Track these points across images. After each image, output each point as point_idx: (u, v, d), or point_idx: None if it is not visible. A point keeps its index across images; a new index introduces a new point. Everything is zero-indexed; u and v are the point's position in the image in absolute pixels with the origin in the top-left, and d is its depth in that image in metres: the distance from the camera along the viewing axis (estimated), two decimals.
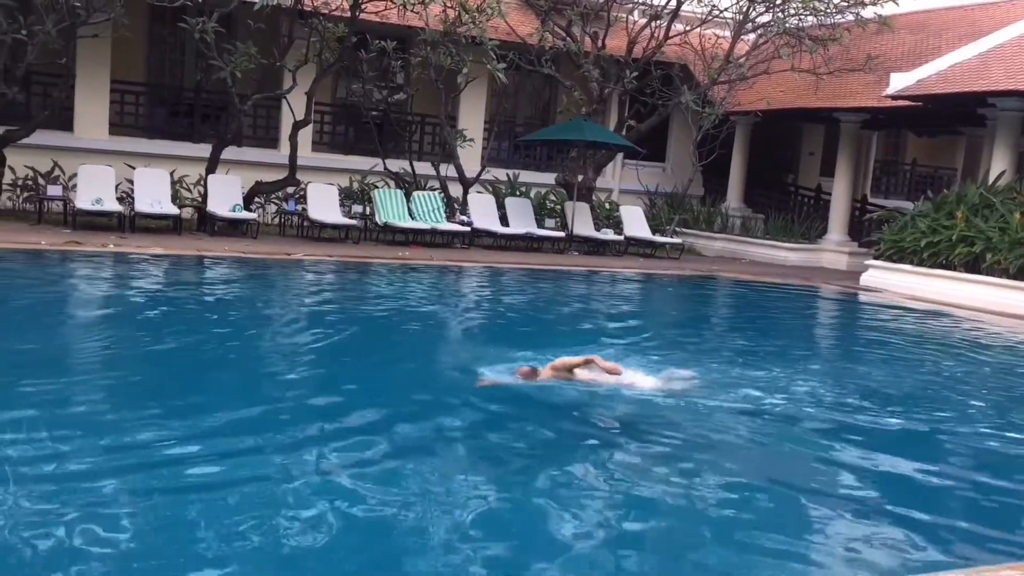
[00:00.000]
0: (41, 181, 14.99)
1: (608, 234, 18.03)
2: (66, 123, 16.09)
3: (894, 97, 16.03)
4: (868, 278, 15.58)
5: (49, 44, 13.61)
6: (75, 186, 14.44)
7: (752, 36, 19.54)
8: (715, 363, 8.07)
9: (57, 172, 15.18)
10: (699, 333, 10.70)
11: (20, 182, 15.08)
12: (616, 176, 21.52)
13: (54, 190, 14.47)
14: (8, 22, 13.11)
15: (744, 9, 18.80)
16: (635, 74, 18.24)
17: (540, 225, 17.65)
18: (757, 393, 6.83)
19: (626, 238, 18.11)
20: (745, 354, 8.88)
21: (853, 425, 6.31)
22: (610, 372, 6.32)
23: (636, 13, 19.99)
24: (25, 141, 14.41)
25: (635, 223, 18.53)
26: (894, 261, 15.20)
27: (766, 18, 19.04)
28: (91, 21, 13.90)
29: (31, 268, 10.77)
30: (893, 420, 6.58)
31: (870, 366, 8.72)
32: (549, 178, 19.57)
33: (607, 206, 20.00)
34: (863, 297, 14.71)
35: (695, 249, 19.62)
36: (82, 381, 6.11)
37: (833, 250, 19.00)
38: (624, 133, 18.82)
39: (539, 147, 21.01)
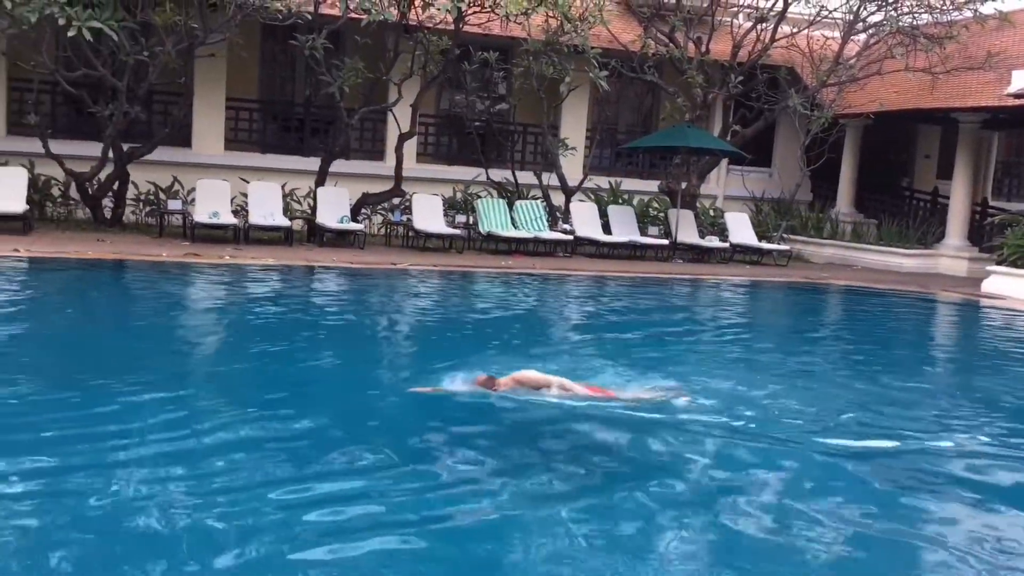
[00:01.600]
0: (162, 196, 15.68)
1: (713, 241, 17.73)
2: (185, 140, 16.79)
3: (1016, 96, 15.28)
4: (990, 285, 14.88)
5: (169, 64, 14.23)
6: (193, 200, 15.04)
7: (863, 36, 18.94)
8: (828, 377, 7.82)
9: (177, 187, 15.85)
10: (811, 343, 10.39)
11: (143, 197, 15.82)
12: (721, 182, 21.15)
13: (174, 204, 15.11)
14: (131, 44, 13.76)
15: (854, 9, 18.25)
16: (740, 78, 17.91)
17: (643, 233, 17.50)
18: (876, 417, 6.43)
19: (731, 245, 17.77)
20: (861, 366, 8.58)
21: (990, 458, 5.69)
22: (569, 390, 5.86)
23: (741, 17, 19.64)
24: (147, 158, 15.10)
25: (741, 230, 18.18)
26: (1018, 267, 14.48)
27: (878, 17, 18.43)
28: (208, 42, 14.48)
29: (155, 278, 11.25)
30: None
31: (1001, 379, 8.29)
32: (652, 185, 19.38)
33: (711, 213, 19.69)
34: (985, 304, 14.05)
35: (803, 256, 19.10)
36: (204, 376, 6.33)
37: (951, 256, 18.22)
38: (729, 138, 18.50)
39: (641, 154, 20.84)
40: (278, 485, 4.32)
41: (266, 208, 14.99)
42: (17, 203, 13.60)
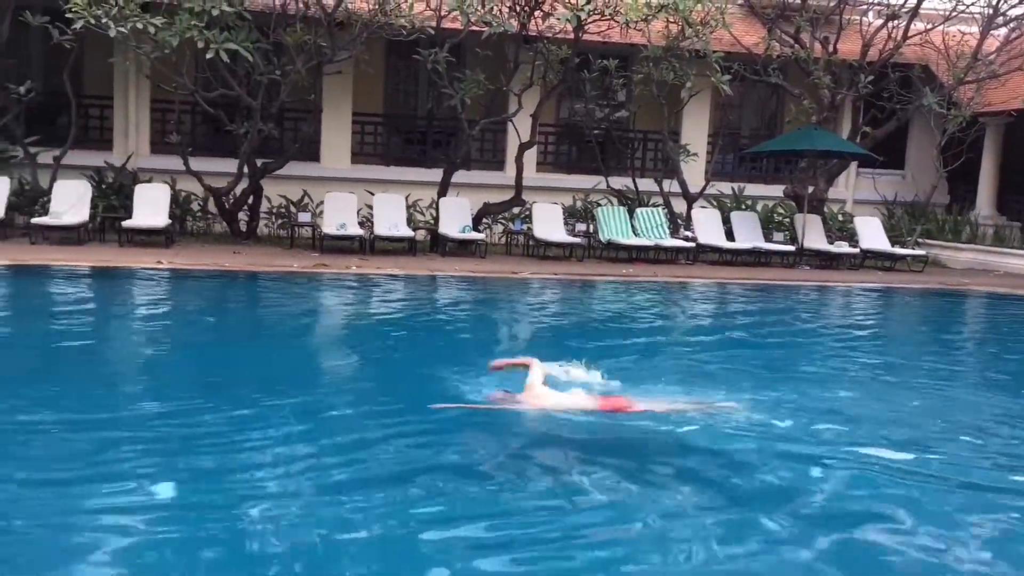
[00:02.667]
0: (292, 209, 16.29)
1: (842, 247, 17.13)
2: (314, 154, 17.38)
3: None
4: None
5: (299, 82, 14.77)
6: (322, 212, 15.56)
7: (1003, 31, 17.97)
8: (967, 391, 7.43)
9: (306, 200, 16.43)
10: (950, 352, 9.90)
11: (274, 210, 16.46)
12: (850, 186, 20.43)
13: (304, 217, 15.66)
14: (265, 64, 14.36)
15: (994, 2, 17.34)
16: (870, 78, 17.27)
17: (768, 239, 17.07)
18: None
19: (862, 251, 17.13)
20: (1007, 378, 8.12)
21: None
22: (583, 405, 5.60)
23: (871, 14, 18.95)
24: (279, 172, 15.71)
25: (872, 234, 17.49)
26: None
27: (1020, 10, 17.47)
28: (336, 59, 14.97)
29: (286, 288, 11.68)
30: None
31: None
32: (776, 190, 18.88)
33: (840, 217, 19.03)
34: None
35: (939, 261, 18.22)
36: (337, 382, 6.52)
37: None
38: (858, 140, 17.85)
39: (765, 159, 20.35)
40: (407, 497, 4.40)
41: (390, 219, 15.37)
42: (161, 218, 14.39)
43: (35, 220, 14.05)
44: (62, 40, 13.53)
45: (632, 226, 16.37)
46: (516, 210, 16.68)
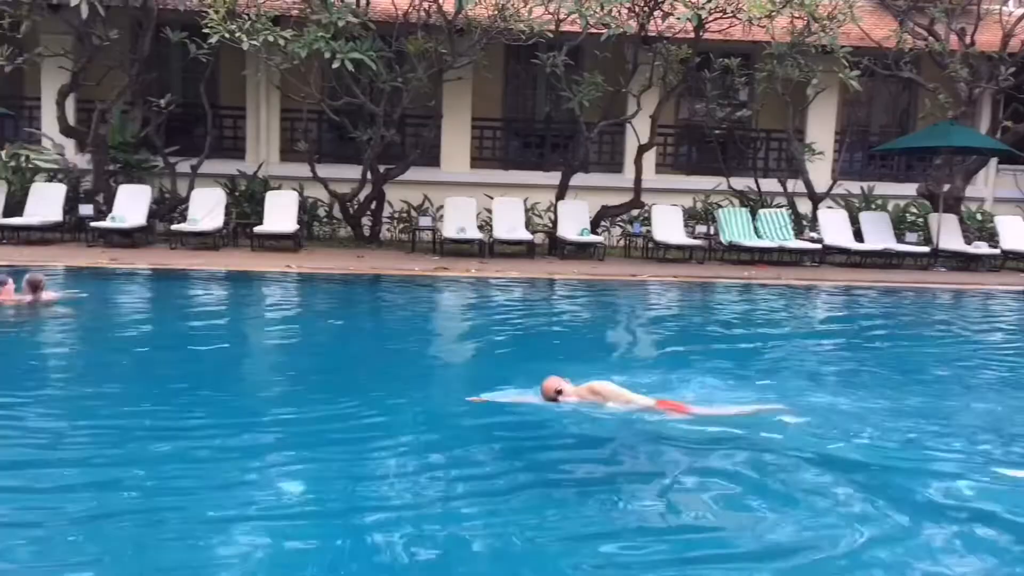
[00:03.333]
0: (413, 213, 16.62)
1: (981, 247, 16.28)
2: (434, 159, 17.68)
3: None
4: None
5: (420, 89, 15.07)
6: (442, 216, 15.82)
7: None
8: None
9: (427, 204, 16.74)
10: None
11: (396, 215, 16.84)
12: (989, 183, 19.38)
13: (424, 221, 15.96)
14: (387, 72, 14.71)
15: None
16: (1011, 70, 16.36)
17: (900, 240, 16.38)
18: None
19: (1003, 251, 16.23)
20: None
21: None
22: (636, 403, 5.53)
23: (1011, 3, 17.95)
24: (400, 178, 16.06)
25: (1014, 234, 16.54)
26: None
27: None
28: (456, 65, 15.20)
29: (408, 291, 11.92)
30: None
31: None
32: (909, 189, 18.09)
33: (979, 217, 18.09)
34: None
35: None
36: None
37: None
38: (999, 136, 16.93)
39: (896, 157, 19.54)
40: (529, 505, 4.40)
41: (509, 222, 15.49)
42: (289, 223, 14.93)
43: (174, 227, 14.80)
44: (199, 54, 14.23)
45: (754, 227, 16.00)
46: (635, 212, 16.53)
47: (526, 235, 15.42)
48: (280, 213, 15.09)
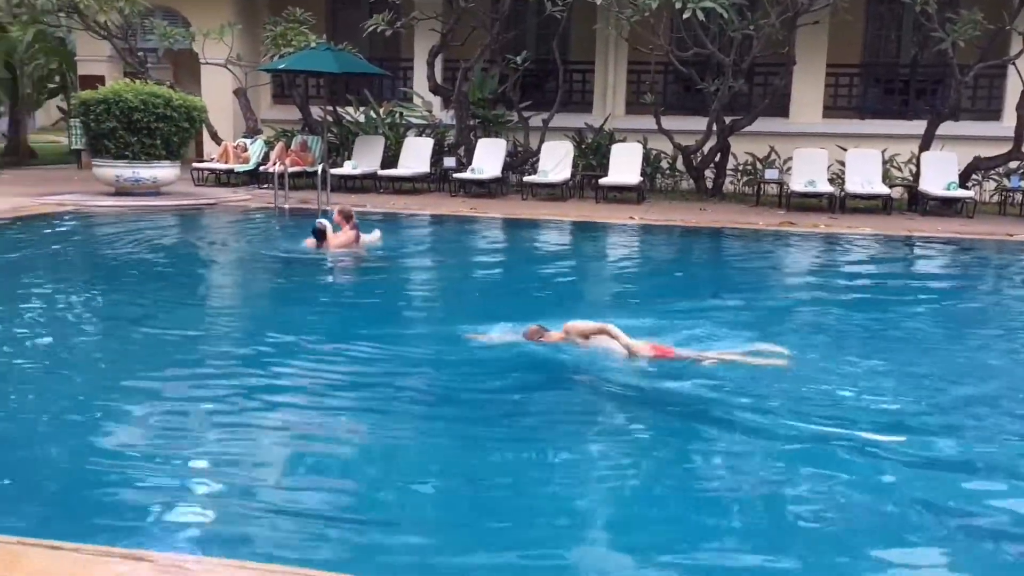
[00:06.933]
0: (759, 166, 16.11)
1: None
2: (782, 109, 16.95)
3: None
4: None
5: (772, 36, 14.46)
6: (789, 169, 15.18)
7: None
8: None
9: (773, 157, 16.14)
10: None
11: (740, 167, 16.43)
12: None
13: (771, 174, 15.40)
14: (738, 19, 14.28)
15: None
16: None
17: None
18: None
19: None
20: None
21: None
22: (631, 349, 5.46)
23: None
24: (746, 129, 15.61)
25: None
26: None
27: None
28: (812, 9, 14.38)
29: (750, 245, 11.63)
30: None
31: None
32: None
33: None
34: None
35: None
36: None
37: None
38: None
39: None
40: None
41: (864, 175, 14.49)
42: (633, 175, 15.13)
43: (526, 178, 15.61)
44: (553, 11, 14.74)
45: None
46: (1013, 165, 14.74)
47: (883, 189, 14.35)
48: (624, 165, 15.33)
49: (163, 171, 14.12)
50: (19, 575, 2.90)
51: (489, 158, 15.83)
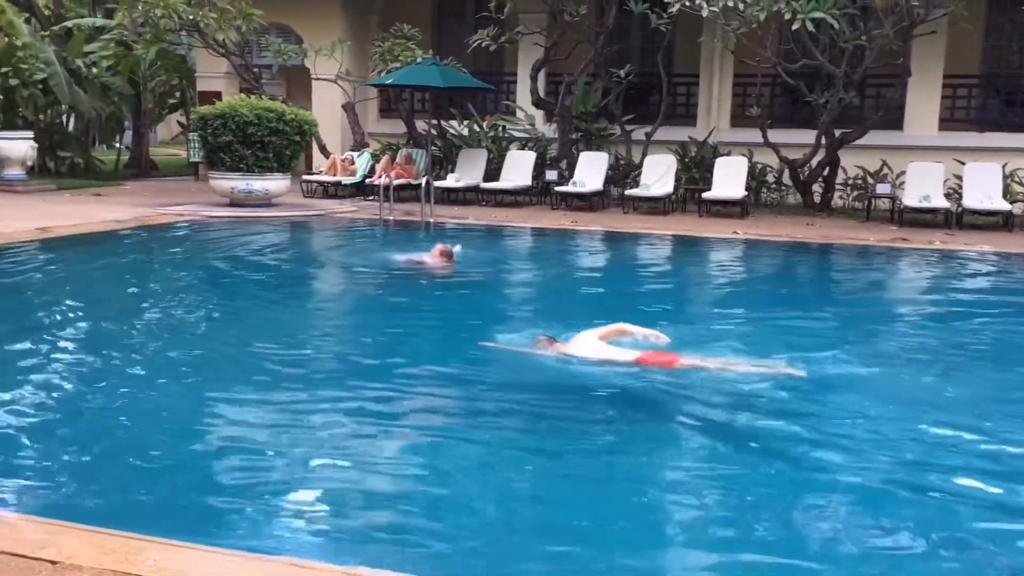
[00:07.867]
0: (870, 180, 15.61)
1: None
2: (895, 122, 16.38)
3: None
4: None
5: (885, 47, 14.01)
6: (903, 183, 14.67)
7: None
8: None
9: (885, 170, 15.63)
10: None
11: (850, 181, 15.95)
12: None
13: (882, 188, 14.90)
14: (850, 30, 13.90)
15: None
16: None
17: None
18: None
19: None
20: None
21: None
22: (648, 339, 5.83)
23: None
24: (857, 142, 15.16)
25: None
26: None
27: None
28: (929, 18, 13.89)
29: (860, 262, 11.27)
30: None
31: None
32: None
33: None
34: None
35: None
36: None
37: None
38: None
39: None
40: None
41: (983, 191, 13.87)
42: (737, 189, 14.87)
43: (628, 192, 15.52)
44: (659, 24, 14.64)
45: None
46: None
47: (1003, 205, 13.71)
48: (729, 179, 15.08)
49: (275, 183, 14.58)
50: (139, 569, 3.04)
51: (591, 171, 15.80)
